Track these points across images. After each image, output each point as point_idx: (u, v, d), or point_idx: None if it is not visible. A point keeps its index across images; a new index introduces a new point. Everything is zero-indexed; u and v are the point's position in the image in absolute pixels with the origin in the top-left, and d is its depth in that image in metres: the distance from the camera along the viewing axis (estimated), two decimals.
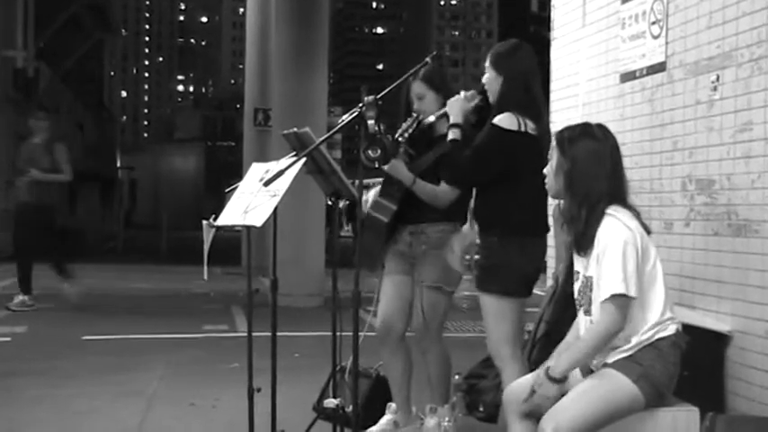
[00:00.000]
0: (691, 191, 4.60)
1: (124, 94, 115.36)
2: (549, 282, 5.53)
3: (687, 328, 3.92)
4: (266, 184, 4.20)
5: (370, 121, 4.24)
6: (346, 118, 4.44)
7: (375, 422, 5.28)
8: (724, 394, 4.30)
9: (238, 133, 29.21)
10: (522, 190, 4.39)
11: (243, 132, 20.61)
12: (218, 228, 4.84)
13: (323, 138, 4.46)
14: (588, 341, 3.58)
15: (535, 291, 4.74)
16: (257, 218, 4.29)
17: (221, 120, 74.30)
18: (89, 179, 51.63)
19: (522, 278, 4.51)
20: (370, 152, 4.32)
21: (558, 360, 3.63)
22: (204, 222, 4.95)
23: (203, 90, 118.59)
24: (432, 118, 4.80)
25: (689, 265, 4.57)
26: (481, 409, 5.71)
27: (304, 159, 4.35)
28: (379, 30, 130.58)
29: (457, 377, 5.41)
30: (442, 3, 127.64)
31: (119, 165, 62.23)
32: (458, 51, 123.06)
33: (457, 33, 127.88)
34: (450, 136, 4.47)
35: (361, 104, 4.33)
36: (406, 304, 5.25)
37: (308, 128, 4.57)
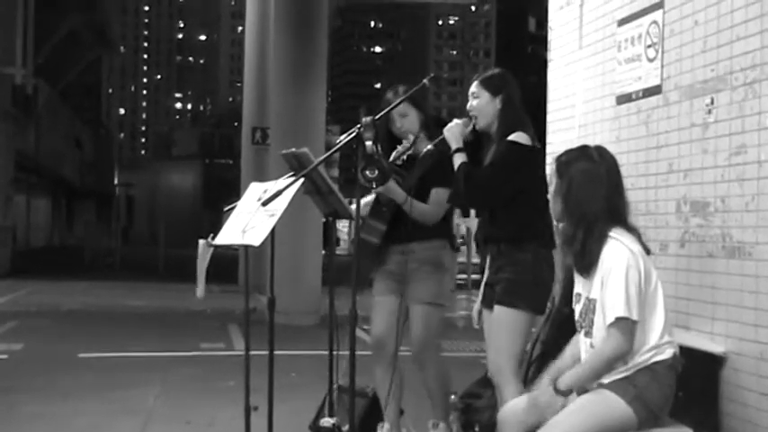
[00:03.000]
0: (685, 213, 4.64)
1: (122, 111, 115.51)
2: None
3: (682, 350, 3.94)
4: (265, 203, 4.23)
5: (368, 142, 4.28)
6: (344, 138, 4.48)
7: None
8: (718, 416, 4.31)
9: (236, 151, 29.27)
10: (544, 204, 4.45)
11: (240, 150, 20.68)
12: (216, 246, 4.86)
13: (321, 158, 4.50)
14: (595, 364, 3.61)
15: None
16: (255, 237, 4.32)
17: (219, 137, 74.36)
18: (87, 196, 51.76)
19: (547, 294, 4.60)
20: (367, 172, 4.35)
21: (565, 375, 3.67)
22: (201, 242, 4.98)
23: (201, 108, 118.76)
24: (430, 146, 4.84)
25: (684, 287, 4.59)
26: (477, 429, 5.72)
27: (302, 180, 4.39)
28: (377, 48, 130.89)
29: (453, 397, 5.42)
30: (440, 22, 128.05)
31: (116, 181, 62.25)
32: (455, 71, 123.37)
33: (455, 52, 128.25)
34: (458, 160, 4.52)
35: (359, 125, 4.37)
36: (397, 322, 5.29)
37: (306, 148, 4.61)
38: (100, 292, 17.95)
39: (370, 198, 5.18)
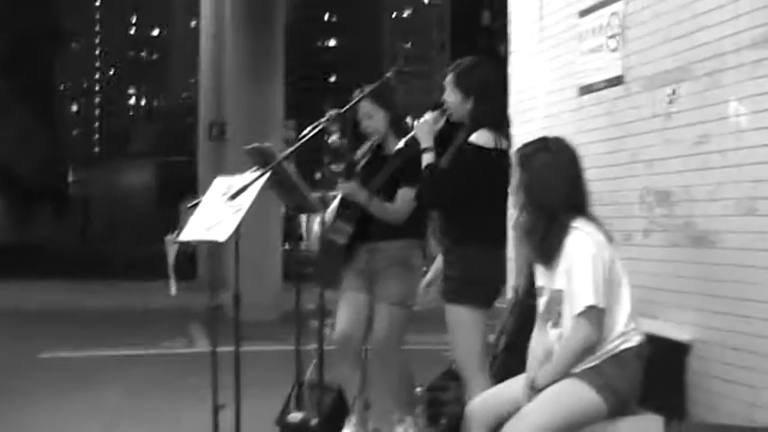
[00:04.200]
0: (649, 202, 4.66)
1: (75, 108, 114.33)
2: (510, 294, 5.56)
3: (648, 338, 3.97)
4: (231, 198, 4.20)
5: (334, 136, 4.27)
6: (309, 131, 4.46)
7: None
8: (685, 403, 4.34)
9: (191, 147, 28.97)
10: (497, 203, 4.46)
11: (196, 146, 20.52)
12: (180, 243, 4.83)
13: (287, 152, 4.47)
14: (567, 354, 3.63)
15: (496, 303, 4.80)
16: (221, 233, 4.29)
17: (174, 133, 73.77)
18: (42, 194, 51.18)
19: (495, 289, 4.60)
20: (333, 166, 4.35)
21: (540, 371, 3.68)
22: (167, 238, 4.94)
23: (155, 104, 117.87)
24: (401, 144, 4.82)
25: (649, 276, 4.62)
26: (443, 421, 5.73)
27: (268, 174, 4.36)
28: (331, 43, 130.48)
29: (418, 390, 5.43)
30: (394, 15, 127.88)
31: (71, 179, 61.57)
32: (410, 64, 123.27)
33: (409, 45, 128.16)
34: (425, 161, 4.49)
35: (325, 119, 4.36)
36: (363, 319, 5.30)
37: (270, 142, 4.59)
38: (58, 291, 17.75)
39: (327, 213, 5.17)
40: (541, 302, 3.87)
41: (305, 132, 4.70)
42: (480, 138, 4.39)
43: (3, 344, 10.13)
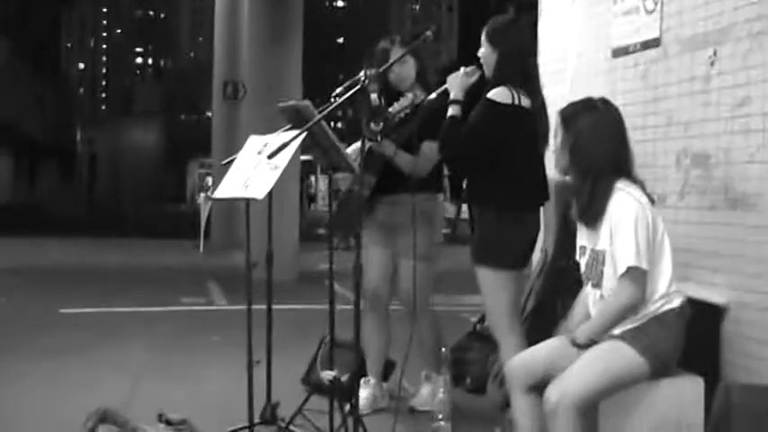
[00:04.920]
0: (685, 165, 4.66)
1: (82, 66, 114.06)
2: (538, 255, 5.57)
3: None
4: (270, 156, 4.18)
5: (374, 95, 4.25)
6: (348, 90, 4.44)
7: None
8: (720, 365, 4.37)
9: (201, 107, 28.91)
10: (518, 164, 4.42)
11: (204, 106, 20.44)
12: (215, 200, 4.83)
13: (324, 111, 4.44)
14: (607, 314, 3.64)
15: None
16: (259, 191, 4.29)
17: (183, 93, 73.61)
18: (49, 153, 51.21)
19: (517, 251, 4.55)
20: (372, 125, 4.33)
21: (582, 327, 3.70)
22: (201, 195, 4.94)
23: (162, 63, 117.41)
24: (433, 95, 4.79)
25: (684, 239, 4.62)
26: (468, 381, 5.77)
27: (305, 133, 4.34)
28: (339, 3, 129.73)
29: (443, 350, 5.46)
30: None
31: (78, 138, 61.57)
32: (417, 25, 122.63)
33: (417, 7, 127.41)
34: (451, 112, 4.46)
35: (362, 77, 4.34)
36: (389, 274, 5.32)
37: (308, 101, 4.56)
38: (71, 249, 17.79)
39: (355, 146, 5.15)
40: (583, 262, 3.86)
41: (340, 90, 4.67)
42: (498, 94, 4.35)
43: (23, 300, 10.17)
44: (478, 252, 4.53)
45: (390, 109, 4.92)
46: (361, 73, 4.62)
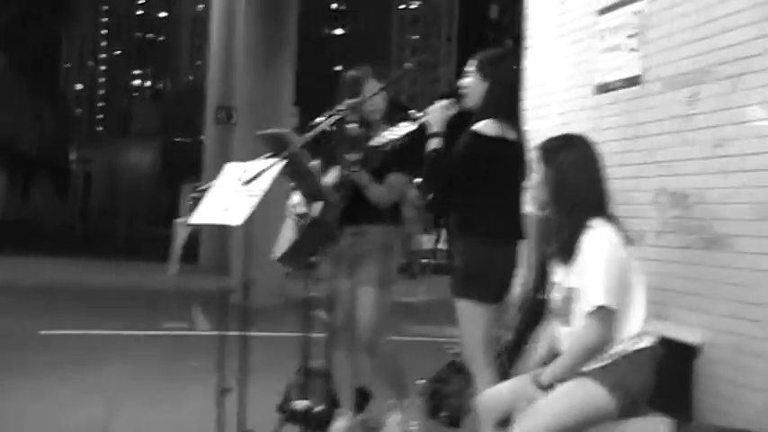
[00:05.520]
0: (663, 203, 4.66)
1: (80, 86, 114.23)
2: (517, 290, 5.56)
3: (659, 340, 3.97)
4: (247, 183, 4.19)
5: (352, 125, 4.25)
6: (326, 120, 4.44)
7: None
8: (692, 406, 4.35)
9: (196, 129, 28.93)
10: (501, 196, 4.43)
11: (199, 129, 20.48)
12: (193, 225, 4.83)
13: (304, 139, 4.45)
14: (574, 354, 3.61)
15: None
16: (236, 217, 4.29)
17: (178, 115, 73.76)
18: (43, 170, 51.18)
19: (498, 284, 4.55)
20: (351, 155, 4.32)
21: (548, 368, 3.67)
22: (177, 220, 4.94)
23: (161, 85, 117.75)
24: (403, 129, 4.80)
25: (660, 277, 4.62)
26: (445, 413, 5.74)
27: (284, 161, 4.35)
28: (339, 31, 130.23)
29: (421, 381, 5.43)
30: (402, 6, 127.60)
31: (73, 157, 61.56)
32: (416, 55, 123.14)
33: (417, 37, 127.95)
34: (432, 145, 4.47)
35: (341, 107, 4.34)
36: (353, 306, 5.32)
37: (288, 129, 4.57)
38: (60, 268, 17.74)
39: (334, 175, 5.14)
40: (555, 299, 3.85)
41: (320, 121, 4.68)
42: (485, 127, 4.35)
43: (3, 319, 10.11)
44: (460, 284, 4.52)
45: (373, 142, 4.93)
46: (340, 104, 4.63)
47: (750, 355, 4.03)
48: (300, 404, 4.79)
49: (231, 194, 4.44)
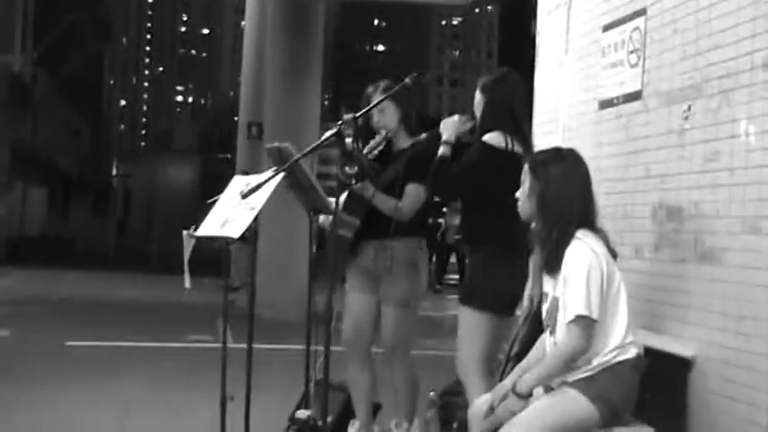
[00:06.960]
0: (661, 217, 4.69)
1: (123, 102, 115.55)
2: (525, 302, 5.61)
3: (653, 353, 4.01)
4: (244, 196, 4.28)
5: (348, 139, 4.34)
6: (325, 135, 4.54)
7: None
8: (685, 418, 4.37)
9: (234, 145, 29.17)
10: (510, 209, 4.49)
11: (236, 145, 20.70)
12: (198, 237, 4.92)
13: (302, 153, 4.55)
14: (552, 361, 3.67)
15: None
16: (234, 230, 4.38)
17: (218, 131, 74.36)
18: (83, 187, 51.75)
19: (504, 297, 4.61)
20: (347, 169, 4.41)
21: (524, 377, 3.73)
22: (185, 233, 5.04)
23: (202, 101, 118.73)
24: (422, 137, 4.90)
25: (656, 290, 4.65)
26: (455, 425, 5.78)
27: (283, 174, 4.44)
28: (380, 47, 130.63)
29: (432, 393, 5.49)
30: (444, 23, 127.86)
31: (114, 173, 62.19)
32: (457, 72, 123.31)
33: (457, 53, 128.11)
34: (441, 151, 4.57)
35: (339, 122, 4.43)
36: (372, 320, 5.32)
37: (288, 143, 4.67)
38: (91, 282, 17.99)
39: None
40: (544, 309, 3.92)
41: (324, 136, 4.76)
42: (493, 138, 4.46)
43: (30, 330, 10.30)
44: (465, 292, 4.60)
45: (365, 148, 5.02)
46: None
47: (742, 369, 4.04)
48: (302, 414, 4.87)
49: (231, 208, 4.54)
